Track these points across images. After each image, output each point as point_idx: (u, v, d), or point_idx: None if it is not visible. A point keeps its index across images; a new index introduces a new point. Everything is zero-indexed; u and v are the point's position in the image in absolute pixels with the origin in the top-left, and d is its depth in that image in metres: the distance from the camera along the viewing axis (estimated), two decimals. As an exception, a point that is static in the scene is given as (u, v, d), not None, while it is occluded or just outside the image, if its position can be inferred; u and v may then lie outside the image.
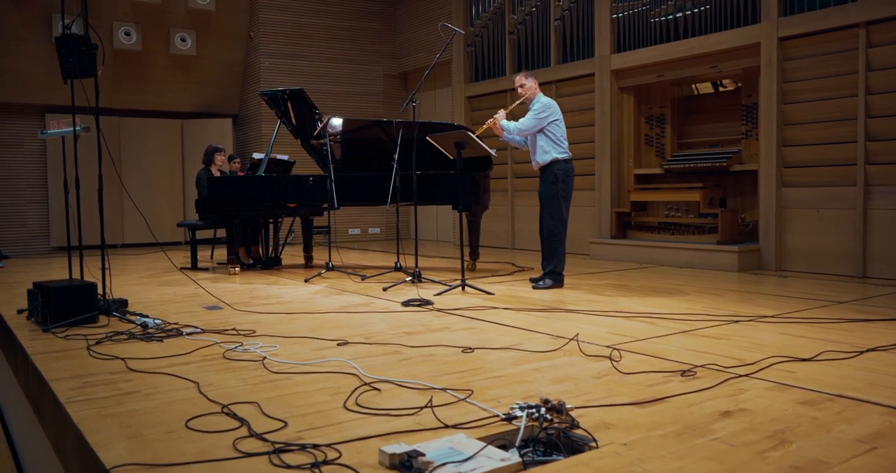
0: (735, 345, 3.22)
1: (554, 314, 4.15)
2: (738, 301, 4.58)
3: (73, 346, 3.41)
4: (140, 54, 9.84)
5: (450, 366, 2.90)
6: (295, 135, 6.91)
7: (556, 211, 5.19)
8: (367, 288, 5.38)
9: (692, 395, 2.41)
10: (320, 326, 3.87)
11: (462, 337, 3.52)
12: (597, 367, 2.84)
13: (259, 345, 3.33)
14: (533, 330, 3.64)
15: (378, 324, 3.90)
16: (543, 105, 5.18)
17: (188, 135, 10.60)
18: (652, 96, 7.64)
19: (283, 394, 2.52)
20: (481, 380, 2.66)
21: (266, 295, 5.17)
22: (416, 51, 10.97)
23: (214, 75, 10.66)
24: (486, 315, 4.15)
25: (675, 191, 6.93)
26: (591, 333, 3.51)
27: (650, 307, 4.35)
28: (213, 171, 7.24)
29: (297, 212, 7.04)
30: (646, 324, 3.78)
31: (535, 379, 2.68)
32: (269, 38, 10.49)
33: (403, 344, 3.35)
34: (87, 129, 4.38)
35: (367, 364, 2.95)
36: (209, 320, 4.09)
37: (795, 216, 6.14)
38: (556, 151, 5.20)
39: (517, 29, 8.77)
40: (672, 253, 6.78)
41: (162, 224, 10.18)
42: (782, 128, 6.18)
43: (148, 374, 2.85)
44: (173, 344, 3.44)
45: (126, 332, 3.69)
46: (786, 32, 6.04)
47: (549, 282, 5.25)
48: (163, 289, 5.51)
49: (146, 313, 4.24)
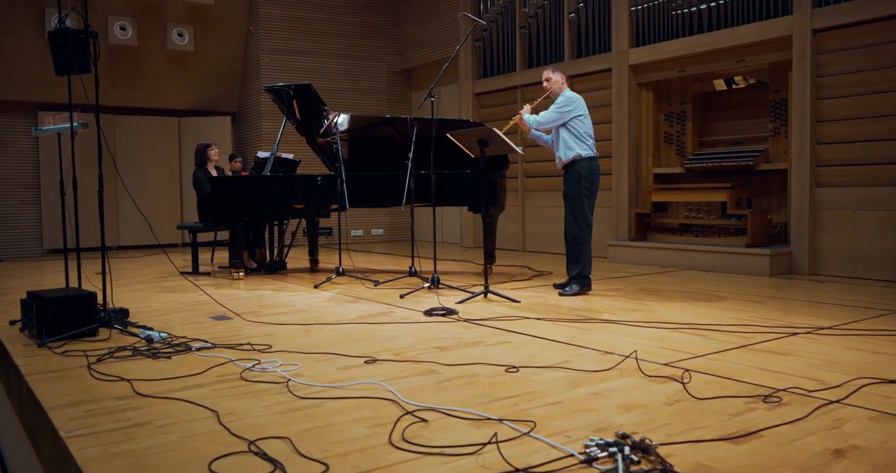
0: (806, 363, 2.92)
1: (592, 325, 3.84)
2: (784, 309, 4.29)
3: (71, 364, 3.08)
4: (136, 50, 9.49)
5: (497, 390, 2.58)
6: (301, 132, 6.59)
7: (579, 210, 4.89)
8: (383, 295, 5.06)
9: (788, 428, 2.11)
10: (341, 340, 3.55)
11: (500, 352, 3.21)
12: (664, 391, 2.53)
13: (278, 364, 3.02)
14: (575, 345, 3.34)
15: (404, 337, 3.58)
16: (567, 99, 4.88)
17: (185, 133, 10.25)
18: (672, 92, 7.34)
19: (317, 426, 2.21)
20: (539, 408, 2.35)
21: (276, 302, 4.85)
22: (421, 46, 10.64)
23: (212, 71, 10.31)
24: (518, 326, 3.84)
25: (700, 192, 6.64)
26: (641, 348, 3.20)
27: (693, 316, 4.05)
28: (210, 169, 6.89)
29: (304, 213, 6.71)
30: (697, 337, 3.48)
31: (599, 405, 2.37)
32: (268, 34, 10.15)
33: (438, 361, 3.04)
34: (86, 126, 4.05)
35: (403, 386, 2.63)
36: (219, 333, 3.76)
37: (829, 217, 5.85)
38: (579, 148, 4.90)
39: (528, 23, 8.46)
40: (696, 257, 6.49)
41: (159, 225, 9.80)
42: (816, 125, 5.89)
43: (158, 400, 2.52)
44: (183, 361, 3.12)
45: (130, 347, 3.36)
46: (820, 24, 5.75)
47: (577, 288, 4.95)
48: (165, 297, 5.18)
49: (150, 325, 3.92)
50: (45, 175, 9.23)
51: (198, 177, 6.64)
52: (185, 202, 10.21)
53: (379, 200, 6.01)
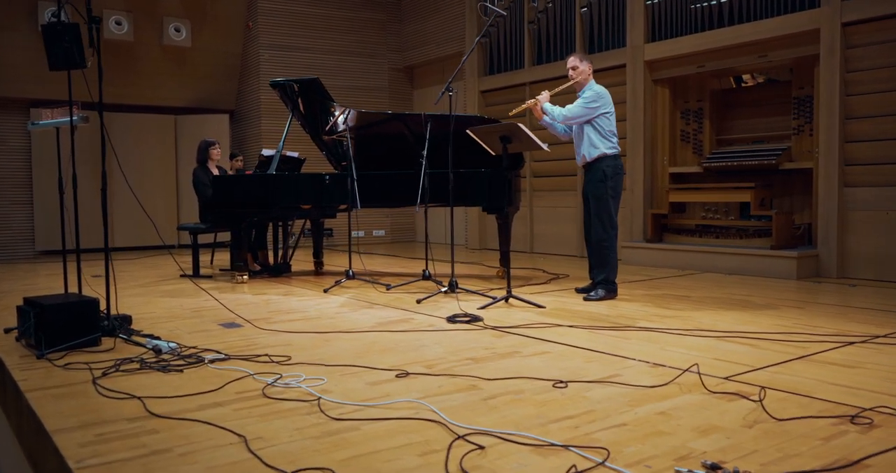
0: (879, 377, 2.69)
1: (630, 333, 3.61)
2: (829, 315, 4.07)
3: (75, 379, 2.81)
4: (131, 45, 9.19)
5: (551, 409, 2.34)
6: (306, 129, 6.33)
7: (605, 212, 4.66)
8: (398, 300, 4.81)
9: (893, 456, 1.88)
10: (364, 350, 3.29)
11: (541, 365, 2.97)
12: (737, 410, 2.30)
13: (302, 378, 2.76)
14: (619, 355, 3.10)
15: (432, 347, 3.34)
16: (596, 94, 4.64)
17: (182, 131, 9.95)
18: (689, 89, 7.13)
19: (360, 454, 1.96)
20: (604, 431, 2.11)
21: (286, 308, 4.58)
22: (424, 43, 10.39)
23: (210, 68, 10.01)
24: (551, 334, 3.59)
25: (722, 192, 6.41)
26: (692, 360, 2.97)
27: (734, 323, 3.82)
28: (211, 167, 6.62)
29: (310, 214, 6.45)
30: (747, 347, 3.25)
31: (669, 428, 2.13)
32: (268, 29, 9.87)
33: (476, 375, 2.79)
34: (87, 120, 3.79)
35: (445, 404, 2.39)
36: (231, 342, 3.50)
37: (859, 218, 5.65)
38: (604, 146, 4.68)
39: (538, 18, 8.22)
40: (717, 259, 6.26)
41: (152, 226, 9.52)
42: (845, 123, 5.68)
43: (176, 421, 2.26)
44: (196, 375, 2.86)
45: (137, 359, 3.10)
46: (850, 17, 5.54)
47: (602, 293, 4.71)
48: (167, 302, 4.91)
49: (155, 333, 3.65)
50: (37, 174, 8.91)
51: (198, 177, 6.36)
52: (181, 202, 9.91)
53: (392, 200, 5.76)
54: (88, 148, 7.17)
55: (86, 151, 6.84)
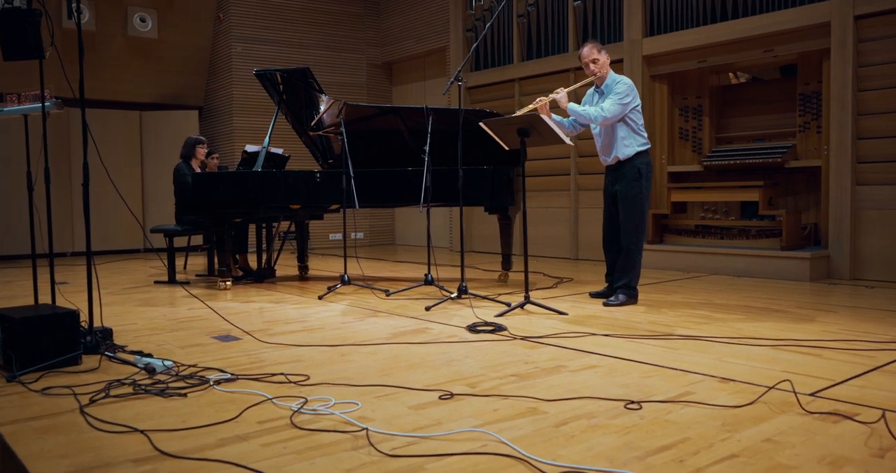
0: (978, 390, 2.44)
1: (676, 342, 3.31)
2: (870, 320, 3.84)
3: (59, 407, 2.38)
4: (93, 35, 8.60)
5: (639, 437, 2.01)
6: (293, 123, 5.91)
7: (638, 213, 4.35)
8: (403, 308, 4.44)
9: None
10: (390, 366, 2.92)
11: (596, 380, 2.64)
12: (851, 434, 2.00)
13: (332, 403, 2.38)
14: (679, 369, 2.79)
15: (464, 361, 2.98)
16: (628, 87, 4.31)
17: (148, 128, 9.39)
18: (688, 85, 6.91)
19: (439, 504, 1.60)
20: (718, 465, 1.79)
21: (283, 318, 4.17)
22: (404, 38, 10.02)
23: (178, 61, 9.47)
24: (588, 344, 3.28)
25: (728, 191, 6.19)
26: (760, 373, 2.68)
27: (780, 330, 3.56)
28: (194, 166, 6.16)
29: (298, 214, 6.02)
30: (809, 357, 2.98)
31: (791, 459, 1.82)
32: (240, 21, 9.38)
33: (529, 395, 2.45)
34: (61, 106, 3.33)
35: (514, 434, 2.04)
36: (233, 358, 3.09)
37: (872, 218, 5.48)
38: (637, 143, 4.38)
39: (528, 11, 7.93)
40: (722, 260, 6.05)
41: (118, 228, 8.96)
42: (857, 119, 5.51)
43: (195, 463, 1.87)
44: (204, 400, 2.45)
45: (129, 381, 2.67)
46: (863, 10, 5.37)
47: (623, 298, 4.41)
48: (147, 312, 4.44)
49: (143, 349, 3.22)
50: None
51: (181, 172, 5.89)
52: (147, 204, 9.35)
53: (391, 199, 5.39)
54: (49, 143, 6.61)
55: (42, 147, 6.28)
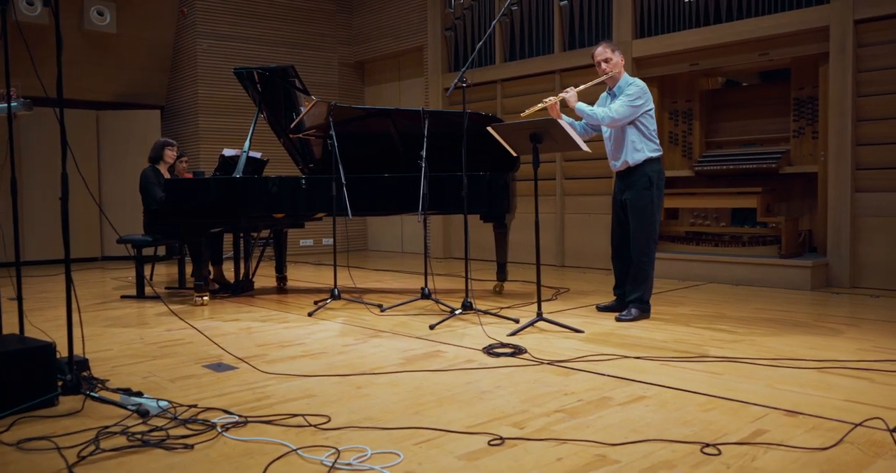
0: None
1: (714, 366, 3.08)
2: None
3: (42, 468, 2.01)
4: (46, 29, 8.00)
5: (738, 494, 1.76)
6: (273, 125, 5.55)
7: (649, 223, 4.15)
8: (404, 326, 4.13)
9: None
10: (415, 402, 2.61)
11: (653, 417, 2.38)
12: (972, 486, 1.79)
13: (368, 453, 2.06)
14: (733, 400, 2.55)
15: (498, 394, 2.69)
16: (640, 89, 4.13)
17: (105, 128, 8.84)
18: (677, 88, 6.77)
19: None
20: (848, 534, 1.55)
21: (277, 340, 3.82)
22: (378, 36, 9.67)
23: (138, 58, 8.95)
24: (622, 369, 3.03)
25: (723, 197, 6.06)
26: (816, 402, 2.47)
27: (817, 349, 3.37)
28: (162, 170, 5.73)
29: (280, 223, 5.65)
30: (865, 381, 2.78)
31: (925, 523, 1.60)
32: (205, 16, 8.90)
33: (590, 439, 2.18)
34: (30, 106, 2.94)
35: (592, 493, 1.77)
36: (235, 394, 2.74)
37: (871, 225, 5.39)
38: (649, 149, 4.18)
39: (511, 11, 7.69)
40: (717, 268, 5.91)
41: (73, 235, 8.37)
42: (856, 125, 5.42)
43: (227, 546, 1.54)
44: (216, 453, 2.11)
45: (119, 429, 2.31)
46: (863, 14, 5.28)
47: (636, 313, 4.20)
48: (119, 334, 4.03)
49: (126, 383, 2.84)
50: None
51: (147, 178, 5.46)
52: (105, 209, 8.78)
53: (384, 207, 5.07)
54: (10, 149, 6.09)
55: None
